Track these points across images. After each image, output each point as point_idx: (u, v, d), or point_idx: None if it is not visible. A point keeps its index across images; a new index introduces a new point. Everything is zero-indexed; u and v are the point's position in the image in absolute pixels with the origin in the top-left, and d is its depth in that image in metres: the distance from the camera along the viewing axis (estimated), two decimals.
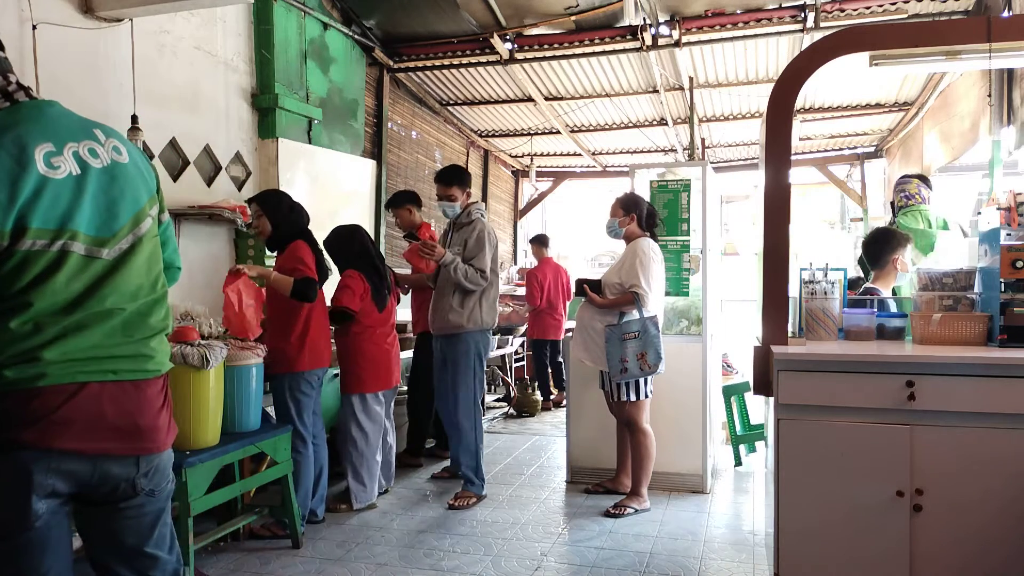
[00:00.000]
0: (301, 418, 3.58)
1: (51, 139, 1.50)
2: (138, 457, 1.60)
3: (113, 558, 1.66)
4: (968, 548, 2.38)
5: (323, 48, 5.34)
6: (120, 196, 1.60)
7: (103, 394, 1.53)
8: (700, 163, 4.66)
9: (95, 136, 1.60)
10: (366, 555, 3.41)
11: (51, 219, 1.46)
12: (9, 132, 1.46)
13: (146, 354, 1.61)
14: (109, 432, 1.54)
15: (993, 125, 4.55)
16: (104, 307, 1.53)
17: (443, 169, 4.31)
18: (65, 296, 1.48)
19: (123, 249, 1.59)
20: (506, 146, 8.73)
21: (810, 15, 5.08)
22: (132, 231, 1.62)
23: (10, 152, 1.43)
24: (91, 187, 1.54)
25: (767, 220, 2.71)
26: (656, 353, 3.79)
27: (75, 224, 1.50)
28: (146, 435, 1.61)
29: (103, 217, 1.56)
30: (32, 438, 1.45)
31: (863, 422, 2.44)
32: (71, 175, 1.50)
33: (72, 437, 1.49)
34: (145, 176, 1.69)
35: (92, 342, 1.51)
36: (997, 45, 2.59)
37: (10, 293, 1.44)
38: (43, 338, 1.46)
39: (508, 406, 6.98)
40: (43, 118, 1.53)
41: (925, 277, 2.80)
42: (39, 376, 1.45)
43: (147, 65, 3.85)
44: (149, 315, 1.64)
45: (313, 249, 3.64)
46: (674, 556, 3.39)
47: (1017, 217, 2.56)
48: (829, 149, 8.36)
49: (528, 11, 5.57)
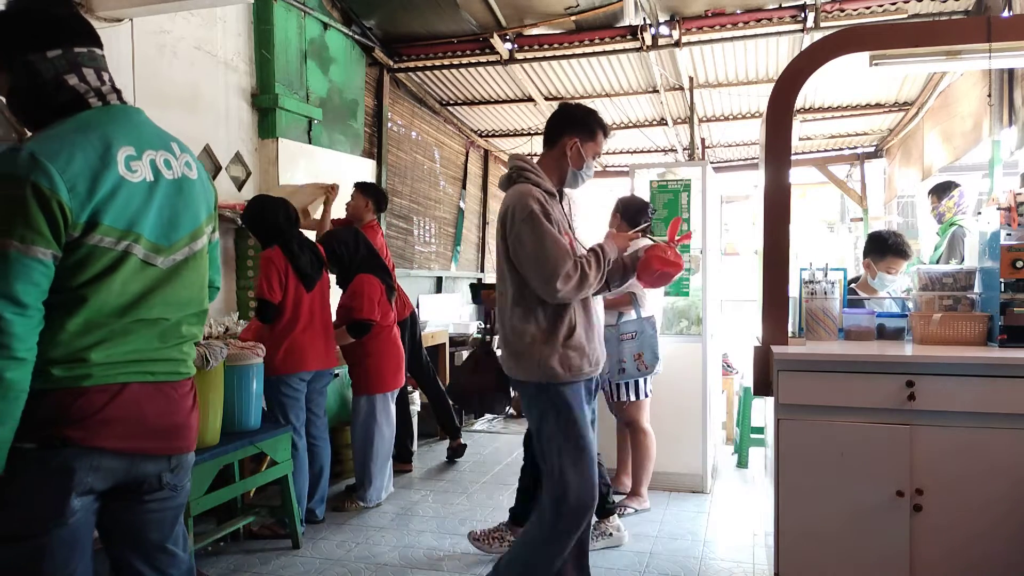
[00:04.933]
0: (287, 419, 3.58)
1: (133, 144, 1.54)
2: (171, 456, 1.65)
3: (135, 554, 1.68)
4: (968, 548, 2.38)
5: (323, 48, 5.34)
6: (183, 209, 1.65)
7: (143, 395, 1.57)
8: (700, 163, 4.66)
9: (171, 149, 1.66)
10: (366, 555, 3.41)
11: (121, 219, 1.50)
12: (97, 130, 1.50)
13: (179, 358, 1.66)
14: (148, 432, 1.58)
15: (993, 125, 4.55)
16: (151, 316, 1.57)
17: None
18: (118, 300, 1.51)
19: (176, 261, 1.63)
20: (506, 146, 8.72)
21: (810, 15, 5.07)
22: (188, 244, 1.67)
23: (95, 148, 1.47)
24: (160, 196, 1.58)
25: (767, 220, 2.71)
26: (653, 353, 3.79)
27: (140, 228, 1.54)
28: (180, 434, 1.66)
29: (165, 227, 1.60)
30: (77, 436, 1.47)
31: (863, 422, 2.44)
32: (145, 181, 1.55)
33: (114, 436, 1.52)
34: (207, 196, 1.75)
35: (134, 347, 1.55)
36: (997, 45, 2.59)
37: (68, 287, 1.46)
38: (91, 339, 1.49)
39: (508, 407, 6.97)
40: (129, 123, 1.58)
41: (925, 277, 2.80)
42: (85, 376, 1.48)
43: (147, 65, 3.85)
44: (187, 326, 1.69)
45: (289, 251, 3.59)
46: (674, 556, 3.38)
47: (1017, 217, 2.56)
48: (829, 149, 8.35)
49: (528, 11, 5.56)
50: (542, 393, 2.43)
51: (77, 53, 1.54)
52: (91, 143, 1.47)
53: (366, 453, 3.99)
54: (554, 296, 2.35)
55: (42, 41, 1.51)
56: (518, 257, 2.40)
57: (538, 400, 2.45)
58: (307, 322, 3.62)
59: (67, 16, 1.56)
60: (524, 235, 2.35)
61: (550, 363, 2.38)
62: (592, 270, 2.39)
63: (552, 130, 2.59)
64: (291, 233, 3.62)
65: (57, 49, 1.52)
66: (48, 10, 1.54)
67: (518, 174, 2.51)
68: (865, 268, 3.58)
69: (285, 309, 3.54)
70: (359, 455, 4.03)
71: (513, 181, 2.51)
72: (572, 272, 2.33)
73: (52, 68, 1.52)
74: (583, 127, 2.56)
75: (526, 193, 2.40)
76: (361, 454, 4.02)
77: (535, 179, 2.49)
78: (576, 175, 2.58)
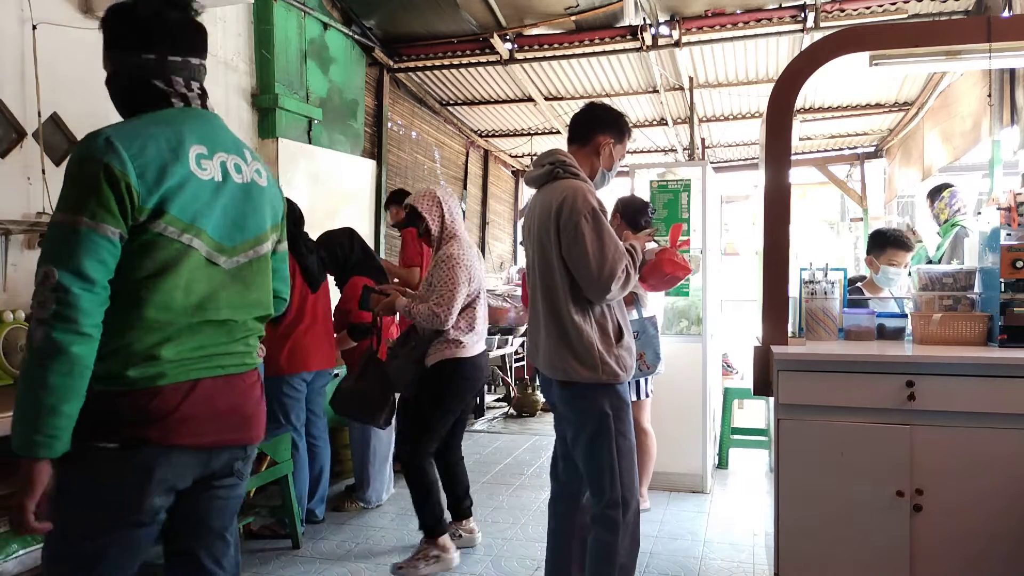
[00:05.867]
0: (289, 420, 3.58)
1: (206, 144, 1.59)
2: (245, 446, 1.70)
3: (197, 543, 1.70)
4: (968, 548, 2.38)
5: (323, 48, 5.34)
6: (250, 213, 1.68)
7: (214, 389, 1.60)
8: (700, 163, 4.66)
9: (243, 155, 1.69)
10: (366, 555, 3.41)
11: (186, 212, 1.53)
12: (173, 126, 1.56)
13: (243, 351, 1.69)
14: (222, 424, 1.62)
15: (993, 125, 4.55)
16: (219, 317, 1.60)
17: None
18: (186, 299, 1.54)
19: (240, 263, 1.65)
20: (506, 146, 8.72)
21: (810, 15, 5.08)
22: (253, 248, 1.69)
23: (168, 142, 1.53)
24: (226, 196, 1.61)
25: (767, 220, 2.71)
26: (655, 353, 3.79)
27: (204, 223, 1.56)
28: (251, 424, 1.71)
29: (229, 227, 1.63)
30: (156, 436, 1.50)
31: (863, 422, 2.44)
32: (213, 180, 1.59)
33: (192, 433, 1.55)
34: (275, 204, 1.78)
35: (201, 343, 1.58)
36: (997, 45, 2.59)
37: (134, 278, 1.49)
38: (160, 336, 1.51)
39: (508, 406, 6.98)
40: (205, 125, 1.63)
41: (925, 277, 2.80)
42: (159, 375, 1.51)
43: None
44: (253, 322, 1.72)
45: (296, 251, 3.55)
46: (674, 556, 3.38)
47: (1017, 217, 2.56)
48: (829, 149, 8.36)
49: (528, 11, 5.57)
50: (601, 394, 2.39)
51: (171, 61, 1.60)
52: (165, 136, 1.53)
53: (364, 454, 3.99)
54: (603, 296, 2.33)
55: (139, 43, 1.58)
56: (571, 253, 2.32)
57: (596, 401, 2.39)
58: (310, 322, 3.63)
59: (172, 23, 1.61)
60: (584, 231, 2.29)
61: (610, 363, 2.36)
62: (633, 271, 2.39)
63: (584, 128, 2.55)
64: (297, 234, 3.62)
65: (151, 54, 1.58)
66: (156, 15, 1.59)
67: (563, 169, 2.44)
68: (868, 265, 3.59)
69: (290, 309, 3.54)
70: (358, 456, 4.03)
71: (556, 176, 2.44)
72: (623, 274, 2.32)
73: (142, 69, 1.59)
74: (615, 128, 2.54)
75: (583, 189, 2.36)
76: (360, 455, 4.02)
77: (583, 176, 2.46)
78: (605, 175, 2.57)
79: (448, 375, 3.26)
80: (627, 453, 2.44)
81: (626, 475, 2.43)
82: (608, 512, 2.42)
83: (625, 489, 2.43)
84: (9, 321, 2.96)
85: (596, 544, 2.46)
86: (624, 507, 2.42)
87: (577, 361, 2.36)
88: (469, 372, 3.31)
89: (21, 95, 3.25)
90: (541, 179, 2.50)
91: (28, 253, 3.26)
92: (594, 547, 2.47)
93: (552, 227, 2.37)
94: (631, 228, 3.77)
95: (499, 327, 6.72)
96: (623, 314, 2.50)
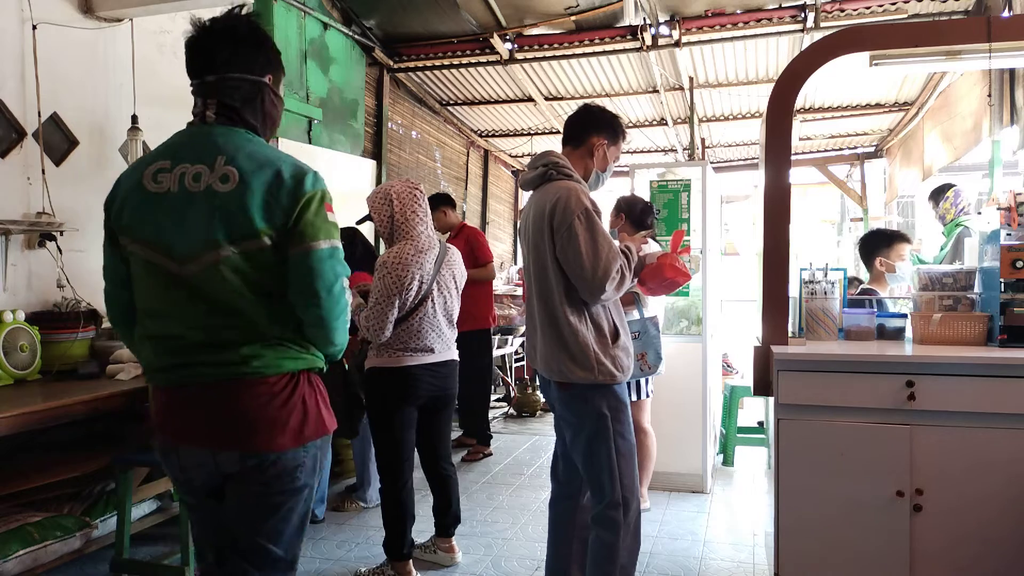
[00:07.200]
0: None
1: (171, 158, 1.68)
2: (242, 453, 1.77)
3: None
4: (968, 548, 2.38)
5: (323, 48, 5.34)
6: (200, 222, 1.61)
7: (172, 396, 1.79)
8: (700, 163, 4.66)
9: (213, 163, 1.64)
10: (366, 555, 3.41)
11: (133, 223, 1.67)
12: (160, 148, 1.73)
13: (229, 360, 1.68)
14: (188, 427, 1.77)
15: (993, 125, 4.55)
16: (169, 329, 1.68)
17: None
18: (141, 303, 1.72)
19: (195, 272, 1.61)
20: (506, 146, 8.73)
21: (810, 15, 5.08)
22: (209, 254, 1.60)
23: (139, 167, 1.72)
24: (172, 204, 1.63)
25: (767, 220, 2.71)
26: (656, 353, 3.79)
27: (144, 232, 1.65)
28: (249, 431, 1.78)
29: (178, 235, 1.63)
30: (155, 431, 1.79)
31: (863, 422, 2.44)
32: (168, 191, 1.65)
33: (163, 430, 1.77)
34: (247, 212, 1.61)
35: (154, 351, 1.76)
36: (997, 45, 2.59)
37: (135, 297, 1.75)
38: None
39: (508, 406, 6.98)
40: (189, 139, 1.72)
41: (925, 277, 2.80)
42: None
43: (147, 65, 3.85)
44: (225, 335, 1.66)
45: None
46: (674, 556, 3.39)
47: (1017, 217, 2.56)
48: (829, 149, 8.36)
49: (528, 11, 5.57)
50: (598, 395, 2.39)
51: (196, 84, 1.78)
52: (142, 162, 1.72)
53: (364, 454, 3.99)
54: (597, 297, 2.32)
55: (190, 72, 1.80)
56: (565, 254, 2.32)
57: (593, 402, 2.39)
58: None
59: (187, 49, 1.80)
60: (578, 232, 2.29)
61: (607, 364, 2.36)
62: (628, 272, 2.38)
63: (578, 129, 2.55)
64: None
65: (197, 79, 1.79)
66: (192, 44, 1.79)
67: (557, 170, 2.44)
68: (881, 267, 3.57)
69: None
70: (358, 455, 4.03)
71: (549, 178, 2.44)
72: (617, 274, 2.31)
73: (195, 95, 1.79)
74: (610, 129, 2.54)
75: (576, 190, 2.36)
76: (360, 455, 4.02)
77: (577, 177, 2.45)
78: (599, 177, 2.57)
79: (374, 384, 3.03)
80: (626, 453, 2.44)
81: (626, 475, 2.43)
82: (609, 512, 2.42)
83: (625, 489, 2.43)
84: (9, 321, 2.96)
85: (597, 544, 2.46)
86: (625, 507, 2.42)
87: (573, 362, 2.36)
88: (395, 384, 2.98)
89: (21, 95, 3.25)
90: (535, 181, 2.50)
91: (28, 253, 3.26)
92: (595, 547, 2.47)
93: (546, 228, 2.37)
94: (637, 228, 3.81)
95: (499, 327, 6.72)
96: (619, 314, 2.49)
